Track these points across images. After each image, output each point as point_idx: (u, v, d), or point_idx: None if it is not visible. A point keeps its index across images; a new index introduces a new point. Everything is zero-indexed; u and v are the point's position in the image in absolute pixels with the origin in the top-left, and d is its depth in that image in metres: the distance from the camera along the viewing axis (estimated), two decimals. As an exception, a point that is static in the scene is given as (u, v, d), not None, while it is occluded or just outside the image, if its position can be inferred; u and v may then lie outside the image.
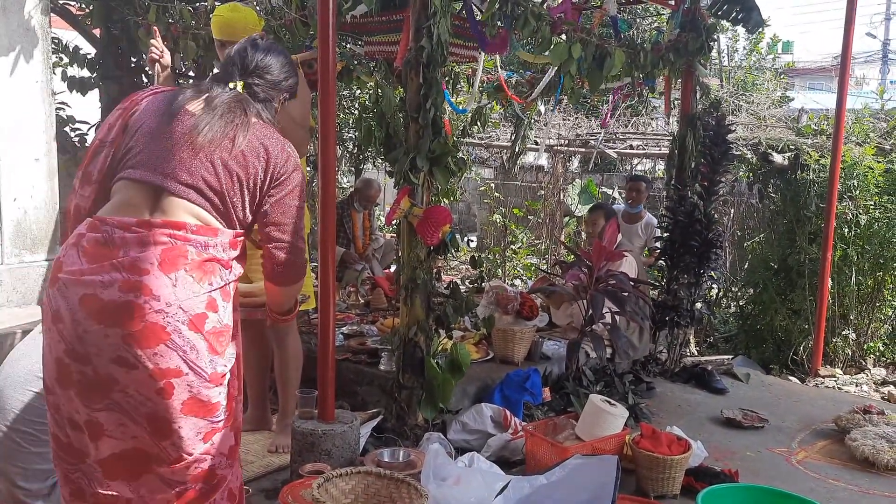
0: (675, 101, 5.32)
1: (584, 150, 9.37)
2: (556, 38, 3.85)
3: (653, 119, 9.98)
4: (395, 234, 5.86)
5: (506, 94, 5.84)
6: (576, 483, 2.67)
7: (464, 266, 9.62)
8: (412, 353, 3.35)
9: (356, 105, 8.04)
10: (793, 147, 6.36)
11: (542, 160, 9.78)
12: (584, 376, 4.08)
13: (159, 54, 3.06)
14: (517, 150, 7.66)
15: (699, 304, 5.00)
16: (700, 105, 5.12)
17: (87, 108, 5.79)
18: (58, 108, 5.29)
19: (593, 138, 9.23)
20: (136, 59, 5.41)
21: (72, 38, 5.56)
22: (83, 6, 5.45)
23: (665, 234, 4.89)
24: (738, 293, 7.06)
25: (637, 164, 10.07)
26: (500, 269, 8.73)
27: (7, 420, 2.37)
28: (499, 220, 9.09)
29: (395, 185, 3.37)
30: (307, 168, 5.31)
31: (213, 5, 4.07)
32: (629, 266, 4.55)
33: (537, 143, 8.49)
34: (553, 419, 3.47)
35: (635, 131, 9.54)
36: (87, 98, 5.42)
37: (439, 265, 7.30)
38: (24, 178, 4.14)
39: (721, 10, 4.82)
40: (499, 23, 3.63)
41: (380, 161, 8.92)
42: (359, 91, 7.72)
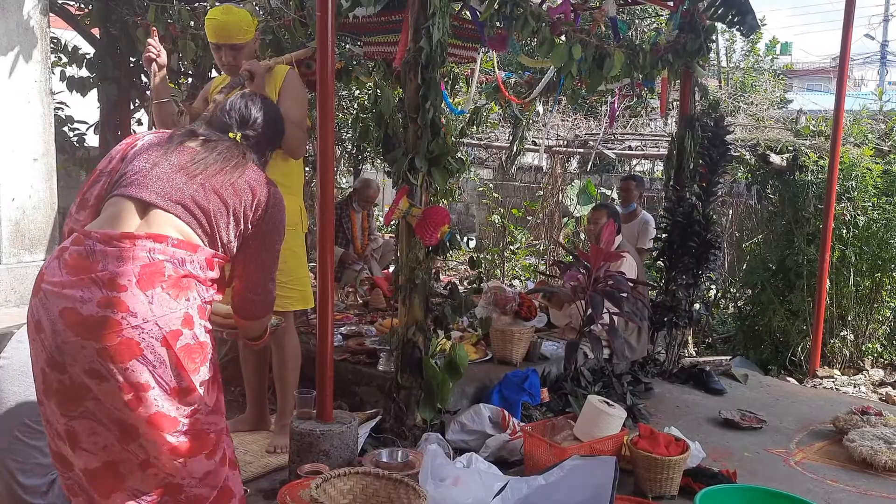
0: (673, 103, 5.32)
1: (582, 150, 9.38)
2: (557, 39, 3.85)
3: (651, 120, 9.99)
4: (394, 235, 5.86)
5: (504, 94, 5.85)
6: (574, 484, 2.67)
7: (462, 266, 9.63)
8: (411, 354, 3.35)
9: (355, 105, 8.03)
10: (791, 148, 6.37)
11: (542, 161, 9.79)
12: (583, 377, 4.08)
13: (156, 53, 3.05)
14: (515, 150, 7.67)
15: (697, 305, 5.00)
16: (699, 106, 5.13)
17: (86, 108, 5.79)
18: (56, 108, 5.29)
19: (592, 139, 9.24)
20: (135, 59, 5.40)
21: (71, 37, 5.56)
22: (82, 6, 5.45)
23: (663, 235, 4.89)
24: (737, 294, 7.07)
25: (636, 165, 10.09)
26: (498, 270, 8.72)
27: (4, 412, 2.37)
28: (497, 221, 9.09)
29: (394, 185, 3.37)
30: (306, 168, 5.31)
31: (213, 5, 4.06)
32: (629, 266, 4.55)
33: (536, 144, 8.50)
34: (551, 420, 3.47)
35: (634, 132, 9.56)
36: (86, 98, 5.42)
37: (438, 265, 7.29)
38: (22, 178, 4.14)
39: (717, 14, 4.82)
40: (498, 24, 3.63)
41: (378, 161, 8.92)
42: (357, 91, 7.72)
